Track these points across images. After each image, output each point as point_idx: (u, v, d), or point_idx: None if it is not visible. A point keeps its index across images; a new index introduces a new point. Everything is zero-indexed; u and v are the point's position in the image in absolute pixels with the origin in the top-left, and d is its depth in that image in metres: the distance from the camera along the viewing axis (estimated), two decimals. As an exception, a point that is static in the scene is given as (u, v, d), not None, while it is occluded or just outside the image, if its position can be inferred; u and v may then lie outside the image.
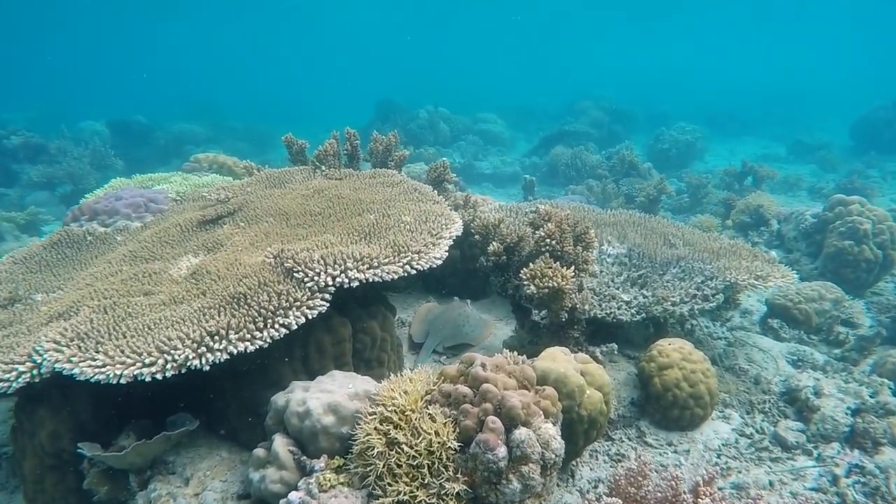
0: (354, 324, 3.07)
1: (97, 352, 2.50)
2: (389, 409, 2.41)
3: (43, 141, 10.33)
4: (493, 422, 2.22)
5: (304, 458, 2.48)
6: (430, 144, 15.55)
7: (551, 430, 2.31)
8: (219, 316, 2.65)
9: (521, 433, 2.21)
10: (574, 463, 3.16)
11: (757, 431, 3.52)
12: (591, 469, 3.24)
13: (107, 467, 2.71)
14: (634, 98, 23.90)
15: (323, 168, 4.48)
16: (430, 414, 2.37)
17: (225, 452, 2.94)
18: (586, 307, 3.49)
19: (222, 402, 2.94)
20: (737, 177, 10.17)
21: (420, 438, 2.28)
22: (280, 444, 2.50)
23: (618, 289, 4.25)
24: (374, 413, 2.44)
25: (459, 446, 2.27)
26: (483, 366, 2.50)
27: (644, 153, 14.94)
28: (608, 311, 3.84)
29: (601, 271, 4.44)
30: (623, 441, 3.46)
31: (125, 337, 2.60)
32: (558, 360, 2.87)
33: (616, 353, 3.90)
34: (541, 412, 2.36)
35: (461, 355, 4.43)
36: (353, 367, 3.09)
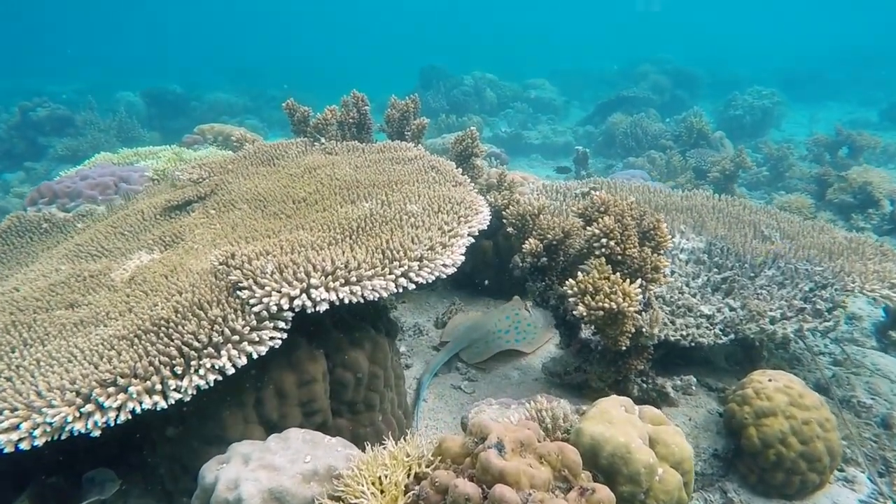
0: (332, 355, 2.24)
1: (-48, 404, 1.77)
2: (353, 510, 1.59)
3: (69, 113, 9.93)
4: (508, 562, 1.36)
5: (238, 566, 1.70)
6: (476, 113, 14.46)
7: (605, 570, 1.43)
8: (127, 352, 1.87)
9: (553, 585, 1.34)
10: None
11: (898, 508, 2.52)
12: (657, 554, 2.34)
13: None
14: (700, 60, 21.79)
15: (322, 140, 3.63)
16: (413, 524, 1.53)
17: (159, 525, 2.21)
18: (655, 331, 2.54)
19: (153, 456, 2.19)
20: (828, 146, 8.68)
21: (394, 570, 1.45)
22: (201, 547, 1.72)
23: (695, 296, 3.25)
24: (333, 513, 1.62)
25: (455, 586, 1.43)
26: (500, 446, 1.63)
27: (713, 121, 13.38)
28: (684, 333, 2.87)
29: (672, 272, 3.45)
30: (703, 512, 2.54)
31: None
32: (616, 422, 1.97)
33: (693, 385, 2.94)
34: (588, 534, 1.47)
35: (492, 372, 3.63)
36: (333, 412, 2.28)
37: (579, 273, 2.43)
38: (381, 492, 1.62)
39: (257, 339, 1.89)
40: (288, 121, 4.07)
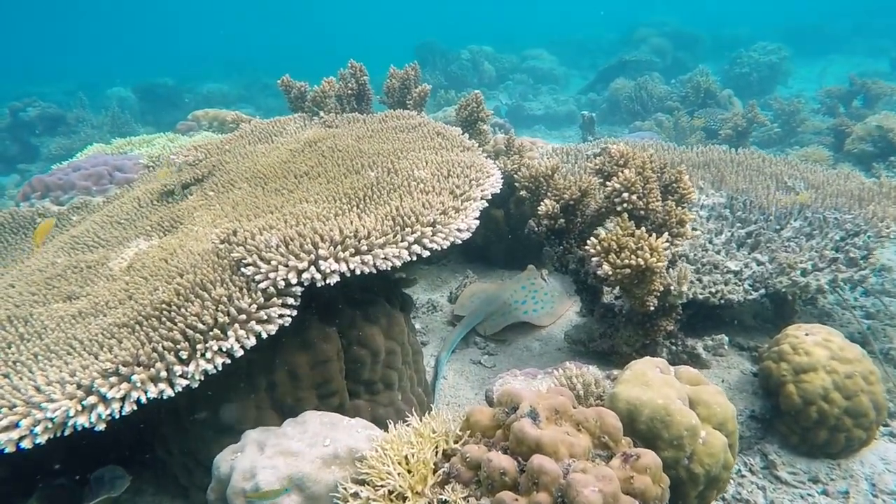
0: (345, 333, 2.12)
1: (-54, 404, 1.66)
2: (379, 492, 1.47)
3: (61, 111, 9.74)
4: (554, 540, 1.24)
5: (261, 557, 1.59)
6: (475, 87, 14.15)
7: (659, 542, 1.31)
8: (129, 340, 1.75)
9: (606, 562, 1.22)
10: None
11: (949, 461, 2.39)
12: (698, 522, 2.23)
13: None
14: (699, 21, 21.26)
15: (321, 114, 3.48)
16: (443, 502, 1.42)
17: (176, 519, 2.12)
18: (684, 289, 2.40)
19: (164, 451, 2.09)
20: (841, 97, 8.41)
21: (428, 554, 1.33)
22: (220, 540, 1.62)
23: (719, 252, 3.11)
24: (359, 497, 1.51)
25: (496, 567, 1.32)
26: (534, 415, 1.51)
27: (719, 80, 13.05)
28: (713, 290, 2.73)
29: (694, 229, 3.30)
30: (744, 476, 2.42)
31: (-3, 376, 1.76)
32: (653, 383, 1.84)
33: (725, 345, 2.81)
34: (635, 503, 1.35)
35: (512, 344, 3.50)
36: (350, 393, 2.16)
37: (601, 231, 2.29)
38: (409, 471, 1.50)
39: (265, 317, 1.77)
40: (284, 107, 3.93)
